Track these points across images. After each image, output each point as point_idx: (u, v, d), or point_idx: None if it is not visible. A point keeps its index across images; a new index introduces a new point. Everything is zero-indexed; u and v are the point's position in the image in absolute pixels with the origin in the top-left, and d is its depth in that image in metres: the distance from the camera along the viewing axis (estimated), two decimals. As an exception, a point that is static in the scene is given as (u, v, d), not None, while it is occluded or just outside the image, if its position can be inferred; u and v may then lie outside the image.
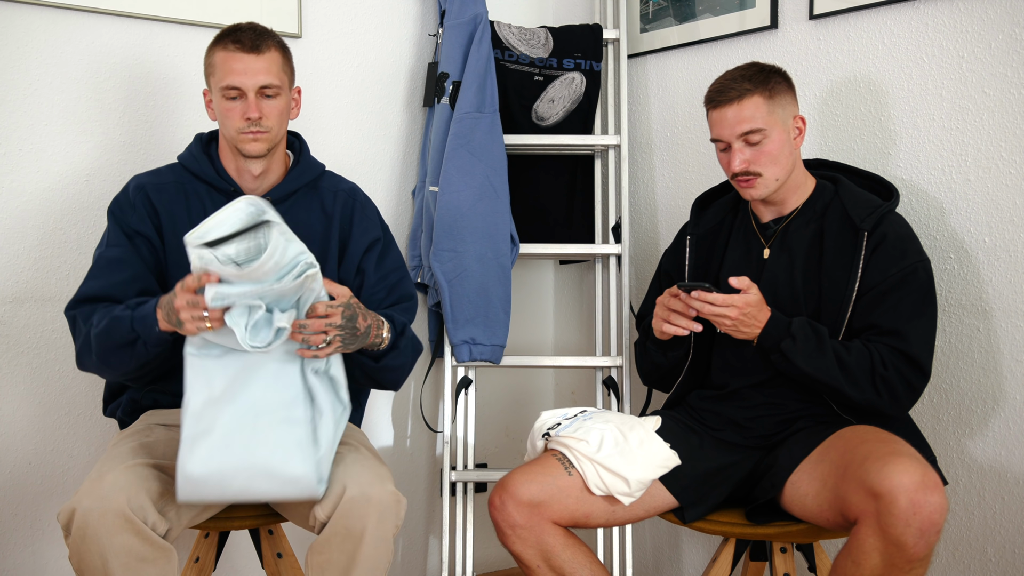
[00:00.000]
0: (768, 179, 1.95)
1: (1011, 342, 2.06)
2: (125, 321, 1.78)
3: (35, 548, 2.29)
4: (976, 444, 2.12)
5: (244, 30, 1.93)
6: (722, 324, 1.88)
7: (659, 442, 1.95)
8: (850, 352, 1.85)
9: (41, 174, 2.26)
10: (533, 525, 1.87)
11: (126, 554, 1.63)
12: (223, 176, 1.99)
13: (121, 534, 1.62)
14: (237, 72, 1.89)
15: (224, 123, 1.94)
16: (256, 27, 1.95)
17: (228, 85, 1.90)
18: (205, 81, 1.98)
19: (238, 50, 1.90)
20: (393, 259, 2.08)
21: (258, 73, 1.90)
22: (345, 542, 1.71)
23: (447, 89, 2.57)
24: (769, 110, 1.93)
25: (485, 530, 2.66)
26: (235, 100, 1.91)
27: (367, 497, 1.71)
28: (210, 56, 1.94)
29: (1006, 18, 2.04)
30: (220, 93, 1.91)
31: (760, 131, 1.92)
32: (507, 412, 3.00)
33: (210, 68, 1.94)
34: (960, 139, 2.12)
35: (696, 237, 2.15)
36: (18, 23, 2.22)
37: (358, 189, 2.12)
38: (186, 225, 1.86)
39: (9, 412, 2.25)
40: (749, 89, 1.93)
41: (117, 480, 1.66)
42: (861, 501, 1.65)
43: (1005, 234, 2.06)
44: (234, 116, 1.91)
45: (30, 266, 2.26)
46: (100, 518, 1.62)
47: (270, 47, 1.93)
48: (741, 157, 1.94)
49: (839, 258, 1.93)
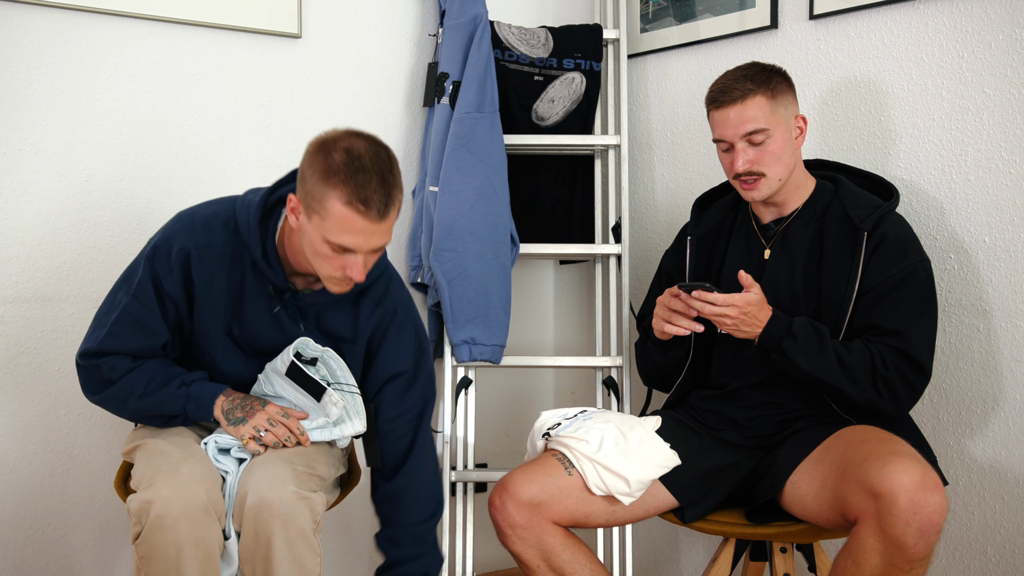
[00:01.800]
0: (771, 179, 1.95)
1: (1011, 342, 2.06)
2: (178, 400, 1.83)
3: (35, 548, 2.29)
4: (976, 444, 2.12)
5: (373, 184, 1.65)
6: (723, 324, 1.88)
7: (659, 442, 1.95)
8: (851, 352, 1.85)
9: (41, 174, 2.26)
10: (533, 525, 1.87)
11: (198, 545, 1.66)
12: (274, 269, 1.83)
13: (199, 526, 1.66)
14: (358, 237, 1.68)
15: (316, 260, 1.74)
16: (385, 179, 1.68)
17: (341, 245, 1.69)
18: (300, 193, 1.71)
19: (364, 215, 1.66)
20: (417, 394, 1.97)
21: (378, 238, 1.71)
22: (258, 548, 1.72)
23: (447, 89, 2.57)
24: (772, 110, 1.93)
25: (485, 530, 2.66)
26: (342, 254, 1.71)
27: (266, 502, 1.71)
28: (323, 190, 1.66)
29: (1006, 18, 2.04)
30: (326, 242, 1.69)
31: (764, 131, 1.92)
32: (507, 412, 3.00)
33: (319, 205, 1.67)
34: (960, 139, 2.12)
35: (697, 238, 2.15)
36: (18, 23, 2.22)
37: (401, 306, 1.96)
38: (222, 289, 1.83)
39: (9, 412, 2.25)
40: (752, 89, 1.93)
41: (194, 472, 1.69)
42: (861, 501, 1.65)
43: (1005, 234, 2.06)
44: (334, 265, 1.72)
45: (30, 266, 2.26)
46: (182, 508, 1.64)
47: (395, 207, 1.70)
48: (744, 157, 1.94)
49: (839, 258, 1.93)
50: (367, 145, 1.69)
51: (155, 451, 1.78)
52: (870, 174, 2.08)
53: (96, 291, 2.32)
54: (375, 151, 1.69)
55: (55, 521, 2.30)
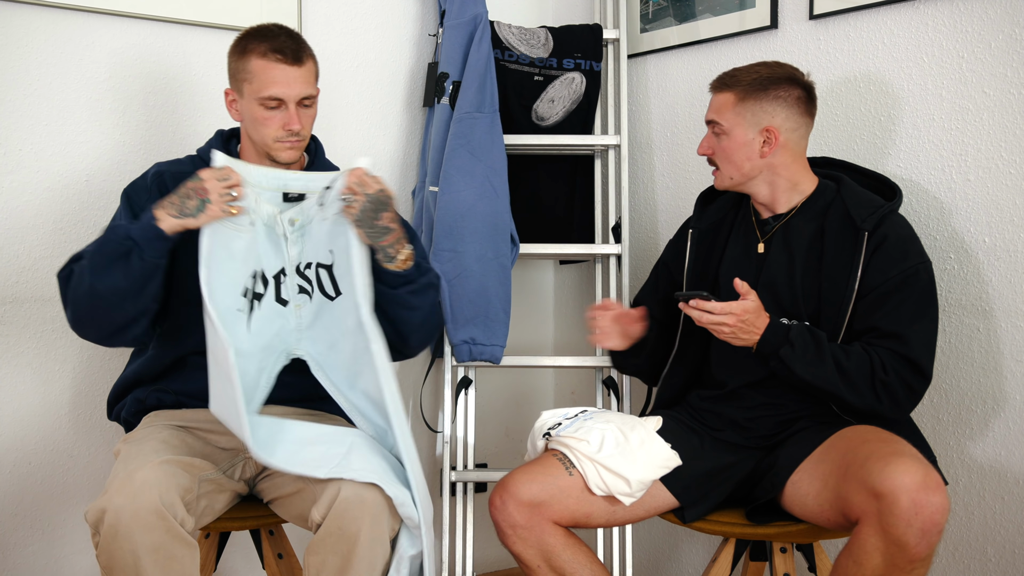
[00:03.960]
0: (723, 174, 2.03)
1: (1011, 342, 2.06)
2: (119, 230, 1.78)
3: (35, 548, 2.29)
4: (976, 444, 2.12)
5: (281, 38, 1.91)
6: (720, 332, 1.87)
7: (660, 442, 1.95)
8: (850, 357, 1.85)
9: (41, 174, 2.26)
10: (533, 525, 1.87)
11: (157, 551, 1.63)
12: None
13: (154, 531, 1.63)
14: (280, 83, 1.89)
15: (258, 130, 1.93)
16: (292, 34, 1.93)
17: (270, 96, 1.89)
18: (230, 82, 1.96)
19: (280, 61, 1.89)
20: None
21: (300, 84, 1.90)
22: (340, 543, 1.71)
23: (447, 89, 2.57)
24: (736, 111, 1.97)
25: (485, 530, 2.66)
26: (274, 110, 1.91)
27: (361, 499, 1.71)
28: (243, 61, 1.92)
29: (1006, 18, 2.04)
30: (257, 102, 1.90)
31: (719, 126, 1.99)
32: (507, 412, 3.00)
33: (244, 74, 1.92)
34: (960, 139, 2.12)
35: (698, 231, 2.16)
36: (18, 23, 2.22)
37: None
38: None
39: (9, 412, 2.25)
40: (728, 85, 1.99)
41: (148, 477, 1.66)
42: (863, 501, 1.65)
43: (1005, 234, 2.06)
44: (272, 125, 1.91)
45: (30, 266, 2.26)
46: (133, 516, 1.62)
47: (308, 57, 1.93)
48: (706, 143, 2.04)
49: (839, 257, 1.93)
50: (270, 23, 1.97)
51: (123, 458, 1.77)
52: (874, 173, 2.08)
53: (96, 291, 2.32)
54: (277, 24, 1.96)
55: (55, 521, 2.30)
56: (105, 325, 1.84)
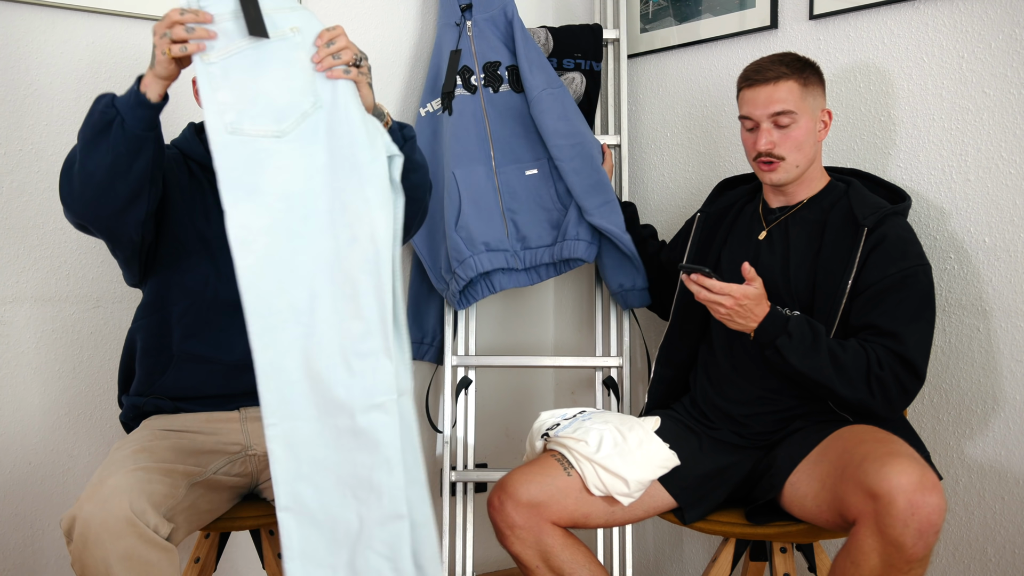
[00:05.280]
0: (789, 164, 1.98)
1: (1011, 342, 2.06)
2: (105, 97, 1.72)
3: (35, 548, 2.29)
4: (976, 444, 2.12)
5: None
6: (717, 312, 1.89)
7: (658, 443, 1.95)
8: (846, 351, 1.85)
9: (41, 174, 2.26)
10: (532, 526, 1.87)
11: (130, 558, 1.62)
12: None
13: (124, 538, 1.61)
14: None
15: None
16: None
17: None
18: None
19: None
20: None
21: None
22: None
23: (503, 76, 2.58)
24: (801, 96, 1.97)
25: (485, 530, 2.66)
26: None
27: None
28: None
29: (1006, 18, 2.04)
30: None
31: (791, 114, 1.96)
32: (507, 412, 3.00)
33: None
34: (960, 139, 2.12)
35: (706, 215, 2.19)
36: (18, 23, 2.22)
37: None
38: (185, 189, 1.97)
39: (9, 412, 2.26)
40: (786, 73, 1.97)
41: (118, 484, 1.65)
42: (860, 502, 1.65)
43: (1005, 234, 2.06)
44: None
45: (30, 266, 2.26)
46: (102, 523, 1.60)
47: None
48: (767, 138, 1.97)
49: (837, 251, 1.94)
50: None
51: (102, 465, 1.76)
52: (888, 183, 2.09)
53: (96, 291, 2.32)
54: None
55: (55, 521, 2.31)
56: (94, 207, 1.74)
